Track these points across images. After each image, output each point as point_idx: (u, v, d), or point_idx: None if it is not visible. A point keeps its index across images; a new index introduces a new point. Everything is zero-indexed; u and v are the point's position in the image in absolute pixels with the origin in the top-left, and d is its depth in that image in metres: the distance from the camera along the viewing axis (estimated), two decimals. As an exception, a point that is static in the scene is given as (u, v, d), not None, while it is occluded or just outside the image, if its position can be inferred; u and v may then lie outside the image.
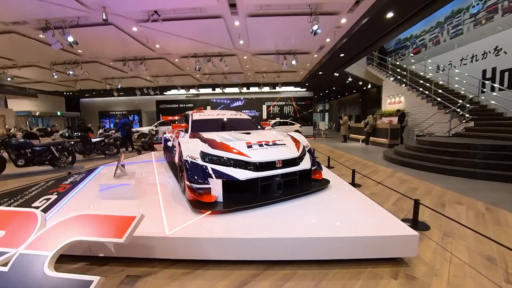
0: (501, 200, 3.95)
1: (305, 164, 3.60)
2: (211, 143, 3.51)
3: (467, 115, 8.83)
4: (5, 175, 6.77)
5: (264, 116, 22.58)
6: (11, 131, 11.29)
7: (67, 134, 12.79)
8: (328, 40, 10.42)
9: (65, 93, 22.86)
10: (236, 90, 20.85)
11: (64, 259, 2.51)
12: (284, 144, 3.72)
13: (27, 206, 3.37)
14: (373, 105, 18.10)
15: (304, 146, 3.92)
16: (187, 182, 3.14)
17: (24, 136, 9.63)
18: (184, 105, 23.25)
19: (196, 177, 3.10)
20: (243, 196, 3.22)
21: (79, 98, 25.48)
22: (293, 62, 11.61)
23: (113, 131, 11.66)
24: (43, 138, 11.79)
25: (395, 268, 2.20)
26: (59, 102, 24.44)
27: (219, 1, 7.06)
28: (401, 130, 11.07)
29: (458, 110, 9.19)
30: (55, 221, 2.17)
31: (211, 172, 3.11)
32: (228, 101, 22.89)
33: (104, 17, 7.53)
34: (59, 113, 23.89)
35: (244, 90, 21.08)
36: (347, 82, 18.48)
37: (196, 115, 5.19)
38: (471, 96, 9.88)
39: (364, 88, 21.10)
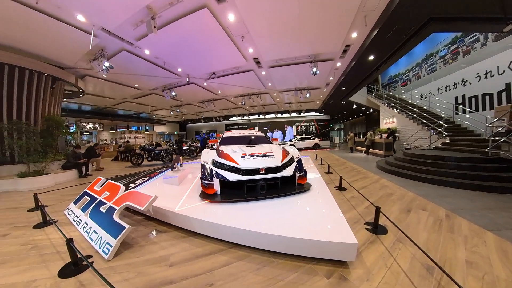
0: (461, 207, 3.05)
1: (287, 171, 3.07)
2: (220, 153, 3.31)
3: (444, 132, 7.32)
4: (143, 164, 8.52)
5: (294, 133, 21.29)
6: (152, 142, 13.79)
7: (172, 144, 14.53)
8: (331, 78, 9.68)
9: (178, 121, 25.93)
10: (273, 115, 20.83)
11: (131, 212, 3.01)
12: (272, 156, 3.23)
13: (133, 183, 3.91)
14: (374, 125, 16.05)
15: (292, 157, 3.41)
16: (200, 179, 3.12)
17: (156, 145, 11.45)
18: (241, 126, 23.28)
19: (205, 176, 3.03)
20: (234, 193, 2.95)
21: (185, 124, 28.12)
22: (307, 95, 11.07)
23: (197, 143, 12.88)
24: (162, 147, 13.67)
25: (333, 268, 1.73)
26: (176, 126, 26.52)
27: (248, 61, 7.32)
28: (393, 144, 9.56)
29: (436, 128, 7.74)
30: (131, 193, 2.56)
31: (214, 173, 2.96)
32: (269, 125, 22.21)
33: (187, 80, 8.69)
34: (176, 132, 26.25)
35: (279, 115, 20.88)
36: (353, 108, 16.87)
37: (226, 134, 5.01)
38: (446, 117, 8.54)
39: (368, 112, 18.87)
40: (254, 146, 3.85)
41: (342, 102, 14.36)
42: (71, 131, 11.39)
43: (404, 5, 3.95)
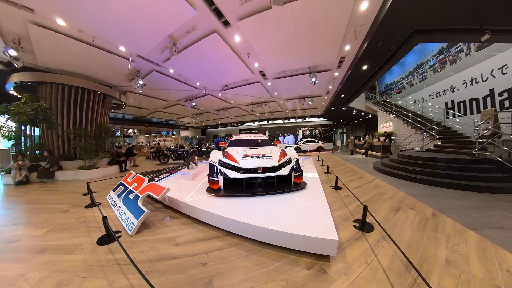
0: (448, 207, 2.81)
1: (283, 171, 2.99)
2: (225, 154, 3.33)
3: (436, 135, 6.76)
4: (169, 163, 8.93)
5: (300, 136, 20.70)
6: (177, 144, 14.57)
7: (193, 146, 15.05)
8: (330, 87, 9.40)
9: (199, 127, 26.73)
10: (281, 121, 20.66)
11: (153, 201, 3.27)
12: (270, 157, 3.17)
13: (157, 177, 4.11)
14: (373, 129, 15.25)
15: (290, 159, 3.29)
16: (208, 175, 3.16)
17: (180, 147, 12.10)
18: (253, 131, 22.98)
19: (212, 173, 3.08)
20: (236, 189, 2.95)
21: (205, 129, 28.74)
22: (310, 102, 10.87)
23: (214, 145, 13.27)
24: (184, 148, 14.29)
25: (315, 261, 1.66)
26: (197, 131, 27.17)
27: (255, 74, 7.44)
28: (389, 146, 9.01)
29: (429, 131, 7.19)
30: (151, 184, 2.80)
31: (219, 171, 3.01)
32: (281, 129, 21.85)
33: (205, 92, 9.06)
34: (197, 136, 26.89)
35: (286, 121, 20.67)
36: (353, 113, 16.01)
37: (234, 137, 4.91)
38: (438, 120, 7.98)
39: (367, 117, 17.81)
40: (257, 148, 3.80)
41: (343, 108, 13.86)
42: (117, 135, 12.51)
43: (388, 20, 3.82)
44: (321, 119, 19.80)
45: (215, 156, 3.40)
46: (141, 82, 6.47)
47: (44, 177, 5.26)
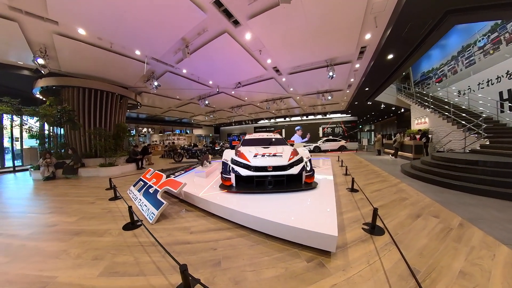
0: (482, 217, 2.62)
1: (293, 170, 3.20)
2: (237, 153, 3.65)
3: (483, 133, 6.00)
4: (183, 161, 9.68)
5: (321, 135, 20.29)
6: (191, 143, 15.60)
7: (206, 145, 15.84)
8: (352, 80, 9.15)
9: (213, 125, 27.78)
10: (299, 118, 20.35)
11: (171, 195, 3.72)
12: (281, 156, 3.40)
13: (173, 174, 4.67)
14: (406, 126, 14.14)
15: (301, 158, 3.50)
16: (220, 173, 3.50)
17: (194, 146, 12.89)
18: (269, 129, 23.54)
19: (224, 171, 3.41)
20: (247, 186, 3.24)
21: (219, 127, 29.83)
22: (329, 97, 10.69)
23: (227, 144, 13.86)
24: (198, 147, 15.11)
25: (316, 256, 1.81)
26: (211, 129, 28.11)
27: (268, 70, 7.64)
28: (425, 146, 8.30)
29: (474, 128, 6.41)
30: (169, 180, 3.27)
31: (231, 169, 3.32)
32: (299, 127, 21.74)
33: (217, 90, 9.59)
34: (210, 135, 27.90)
35: (304, 118, 20.28)
36: (381, 108, 15.00)
37: (247, 136, 5.25)
38: (484, 115, 7.03)
39: (399, 112, 16.47)
40: (268, 147, 4.05)
41: (368, 103, 13.18)
42: (132, 134, 13.88)
43: (413, 3, 3.63)
44: (344, 115, 19.06)
45: (228, 155, 3.75)
46: (156, 83, 7.17)
47: (69, 173, 6.17)
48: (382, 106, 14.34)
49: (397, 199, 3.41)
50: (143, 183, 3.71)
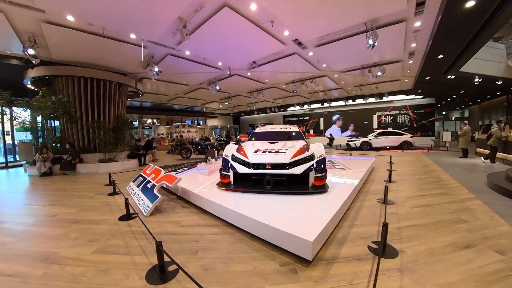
0: None
1: (295, 170, 3.53)
2: (238, 148, 4.21)
3: None
4: (191, 158, 11.02)
5: (375, 126, 19.27)
6: (202, 136, 17.47)
7: (220, 138, 16.10)
8: (413, 45, 8.50)
9: (230, 114, 29.23)
10: (342, 103, 19.50)
11: (169, 192, 4.64)
12: (284, 153, 3.77)
13: (175, 171, 5.61)
14: None
15: (310, 156, 3.77)
16: (219, 170, 4.12)
17: (205, 140, 14.31)
18: (303, 118, 24.01)
19: (224, 167, 4.03)
20: (244, 184, 3.78)
21: (239, 116, 31.34)
22: (379, 73, 10.24)
23: (246, 137, 14.64)
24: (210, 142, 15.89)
25: (292, 261, 2.15)
26: (228, 119, 30.70)
27: (287, 44, 7.91)
28: None
29: None
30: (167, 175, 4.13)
31: (230, 165, 3.91)
32: (337, 115, 21.77)
33: (229, 72, 10.42)
34: (228, 126, 30.17)
35: (350, 102, 19.22)
36: (476, 83, 12.73)
37: (257, 129, 5.82)
38: None
39: (511, 88, 13.77)
40: (276, 143, 4.48)
41: (449, 77, 11.73)
42: (135, 126, 15.95)
43: None
44: (412, 96, 17.39)
45: (229, 150, 4.33)
46: (156, 69, 8.25)
47: (66, 169, 7.65)
48: (477, 80, 12.39)
49: (449, 220, 3.15)
50: (142, 179, 4.68)
